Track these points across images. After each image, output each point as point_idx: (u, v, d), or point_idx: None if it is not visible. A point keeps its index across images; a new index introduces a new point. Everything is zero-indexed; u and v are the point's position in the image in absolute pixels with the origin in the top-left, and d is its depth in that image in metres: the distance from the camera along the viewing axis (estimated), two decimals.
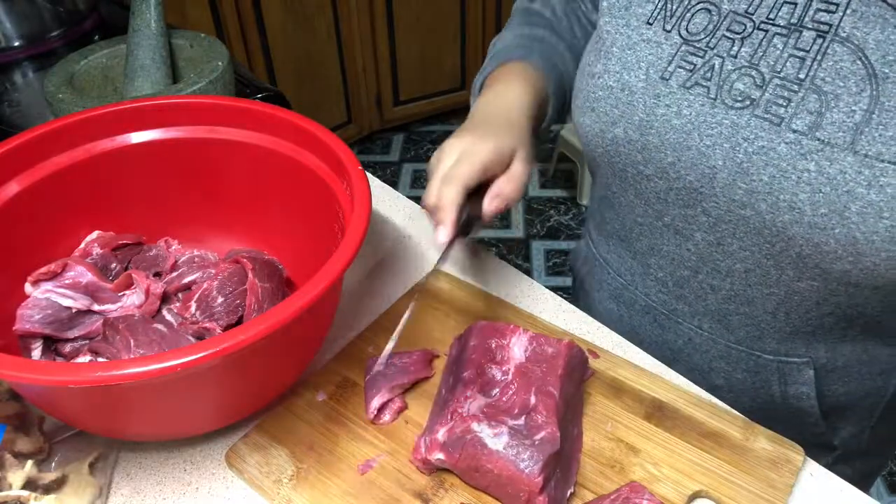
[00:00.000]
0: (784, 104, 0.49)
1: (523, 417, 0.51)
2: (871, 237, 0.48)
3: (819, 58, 0.48)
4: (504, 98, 0.62)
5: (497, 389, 0.54)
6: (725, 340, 0.64)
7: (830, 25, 0.48)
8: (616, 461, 0.54)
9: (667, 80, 0.55)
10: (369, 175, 0.65)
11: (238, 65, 1.00)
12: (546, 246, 2.23)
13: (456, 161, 0.54)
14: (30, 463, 0.52)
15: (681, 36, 0.54)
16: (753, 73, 0.51)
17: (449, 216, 0.52)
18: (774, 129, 0.50)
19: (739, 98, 0.52)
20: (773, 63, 0.50)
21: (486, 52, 0.73)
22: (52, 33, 1.06)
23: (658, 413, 0.57)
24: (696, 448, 0.54)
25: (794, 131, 0.49)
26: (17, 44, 1.04)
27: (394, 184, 2.50)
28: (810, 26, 0.49)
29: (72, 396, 0.49)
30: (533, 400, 0.52)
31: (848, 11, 0.47)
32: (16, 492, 0.50)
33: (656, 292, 0.67)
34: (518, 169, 0.56)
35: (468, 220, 0.56)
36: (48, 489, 0.51)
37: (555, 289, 0.73)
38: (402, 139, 2.78)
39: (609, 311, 0.75)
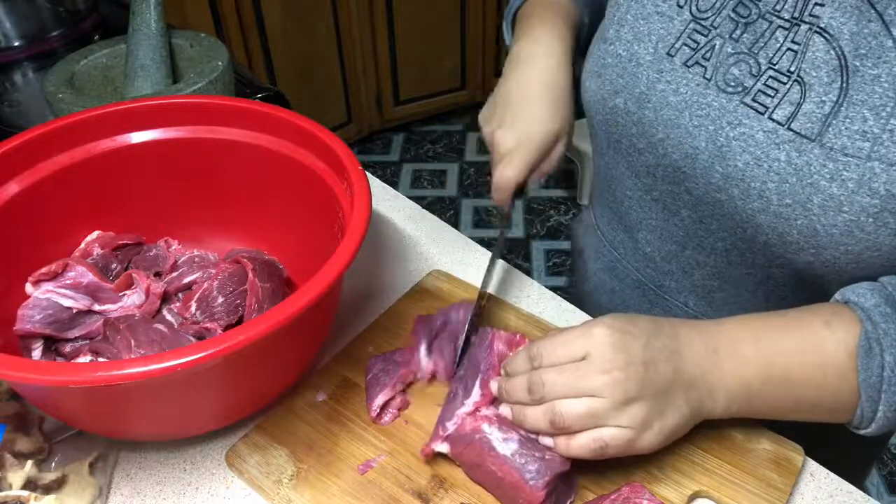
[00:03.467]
0: (772, 94, 0.50)
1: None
2: (831, 230, 0.48)
3: (805, 50, 0.49)
4: (546, 60, 0.65)
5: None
6: (710, 318, 0.64)
7: (818, 17, 0.48)
8: (616, 461, 0.54)
9: (672, 56, 0.55)
10: (369, 175, 0.65)
11: (238, 65, 1.00)
12: (546, 246, 2.23)
13: (515, 146, 0.63)
14: (30, 463, 0.52)
15: (691, 13, 0.55)
16: (751, 61, 0.51)
17: (505, 196, 0.64)
18: (757, 117, 0.50)
19: (733, 83, 0.52)
20: (771, 55, 0.50)
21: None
22: (52, 33, 1.06)
23: None
24: (696, 448, 0.54)
25: (773, 120, 0.49)
26: (17, 44, 1.04)
27: (394, 184, 2.50)
28: (807, 20, 0.49)
29: (72, 396, 0.49)
30: None
31: (829, 1, 0.48)
32: (16, 492, 0.50)
33: (645, 267, 0.68)
34: (559, 150, 0.65)
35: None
36: (48, 489, 0.51)
37: (555, 289, 0.73)
38: (402, 139, 2.78)
39: (602, 282, 0.76)
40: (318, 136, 0.62)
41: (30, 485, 0.51)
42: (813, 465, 0.55)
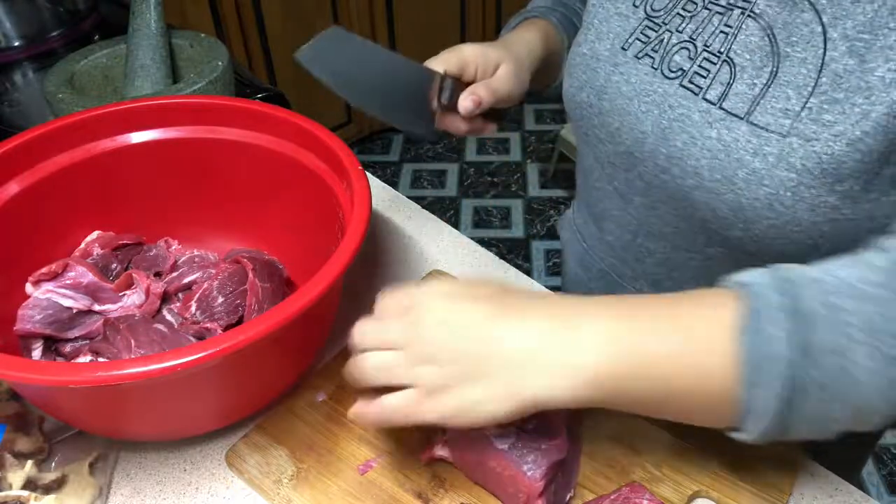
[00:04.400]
0: (704, 75, 0.52)
1: (533, 422, 0.51)
2: (754, 203, 0.50)
3: (736, 32, 0.51)
4: (514, 36, 0.70)
5: None
6: None
7: (750, 2, 0.51)
8: (616, 461, 0.54)
9: (625, 50, 0.58)
10: (369, 175, 0.65)
11: (238, 65, 1.00)
12: (546, 246, 2.23)
13: (447, 50, 0.64)
14: (30, 463, 0.52)
15: (645, 12, 0.58)
16: (690, 46, 0.54)
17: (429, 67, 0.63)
18: (693, 97, 0.53)
19: (674, 69, 0.55)
20: (707, 38, 0.53)
21: None
22: (52, 33, 1.06)
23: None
24: (696, 448, 0.54)
25: (706, 100, 0.52)
26: (17, 44, 1.04)
27: (394, 184, 2.50)
28: (740, 5, 0.52)
29: (72, 396, 0.49)
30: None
31: None
32: (16, 492, 0.50)
33: (607, 255, 0.70)
34: (498, 76, 0.64)
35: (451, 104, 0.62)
36: (48, 489, 0.51)
37: (555, 289, 0.73)
38: (402, 139, 2.78)
39: (576, 275, 0.78)
40: (318, 136, 0.62)
41: (30, 485, 0.51)
42: (813, 465, 0.55)
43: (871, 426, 0.41)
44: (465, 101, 0.61)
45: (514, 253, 2.20)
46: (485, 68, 0.64)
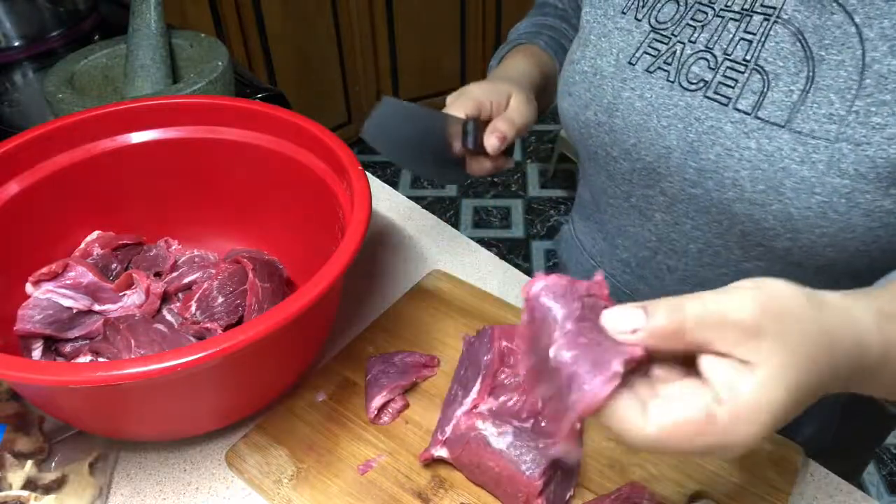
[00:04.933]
0: (732, 85, 0.51)
1: (531, 421, 0.51)
2: (805, 213, 0.49)
3: (763, 39, 0.50)
4: (508, 66, 0.72)
5: (508, 393, 0.54)
6: None
7: (775, 8, 0.50)
8: (616, 461, 0.54)
9: (633, 64, 0.57)
10: (369, 175, 0.65)
11: (238, 65, 1.00)
12: (546, 246, 2.23)
13: (456, 94, 0.65)
14: (30, 463, 0.52)
15: (650, 24, 0.57)
16: (708, 56, 0.53)
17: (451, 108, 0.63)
18: (722, 109, 0.52)
19: (694, 80, 0.54)
20: (725, 46, 0.52)
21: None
22: (52, 33, 1.06)
23: None
24: None
25: (739, 111, 0.51)
26: (17, 44, 1.04)
27: (394, 184, 2.50)
28: (759, 10, 0.51)
29: (72, 396, 0.49)
30: (541, 404, 0.52)
31: None
32: (16, 492, 0.50)
33: (621, 272, 0.69)
34: (512, 108, 0.64)
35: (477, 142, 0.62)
36: (48, 489, 0.51)
37: None
38: None
39: None
40: (318, 136, 0.62)
41: (30, 485, 0.51)
42: (813, 465, 0.55)
43: None
44: (491, 140, 0.61)
45: (514, 253, 2.20)
46: (499, 102, 0.64)
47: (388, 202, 0.85)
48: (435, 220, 0.82)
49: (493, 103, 0.63)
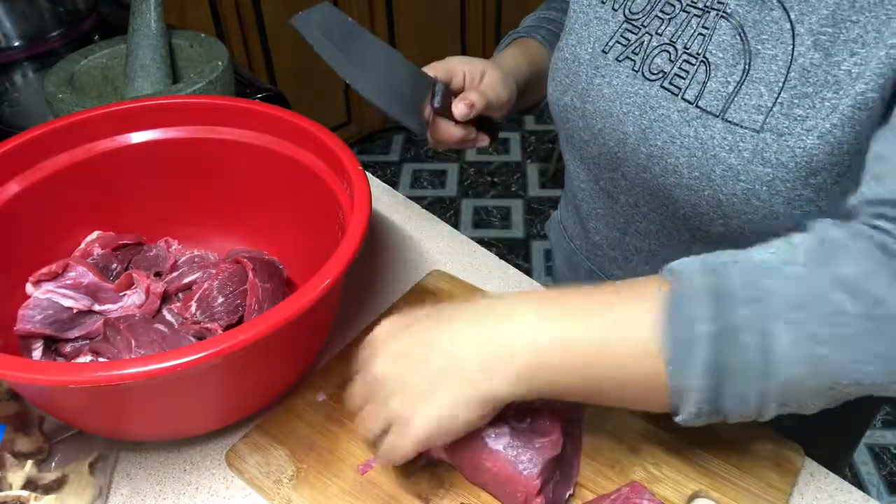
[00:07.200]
0: (684, 76, 0.54)
1: (528, 420, 0.51)
2: (732, 199, 0.51)
3: (712, 33, 0.52)
4: (499, 58, 0.74)
5: None
6: None
7: (723, 3, 0.52)
8: (616, 461, 0.54)
9: (606, 53, 0.60)
10: (369, 175, 0.65)
11: (238, 65, 1.00)
12: (546, 246, 2.23)
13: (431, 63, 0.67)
14: (30, 463, 0.52)
15: (624, 15, 0.59)
16: (670, 49, 0.55)
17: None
18: (672, 98, 0.54)
19: (655, 72, 0.56)
20: (686, 41, 0.54)
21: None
22: (52, 33, 1.06)
23: (658, 413, 0.57)
24: (696, 448, 0.54)
25: (685, 100, 0.53)
26: (17, 44, 1.04)
27: (394, 184, 2.50)
28: (716, 7, 0.53)
29: (72, 396, 0.49)
30: (537, 403, 0.52)
31: None
32: (16, 492, 0.50)
33: (594, 255, 0.72)
34: (486, 83, 0.67)
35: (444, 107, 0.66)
36: (48, 489, 0.52)
37: None
38: (402, 139, 2.78)
39: (563, 276, 0.80)
40: (318, 136, 0.62)
41: (30, 485, 0.51)
42: (813, 465, 0.55)
43: (811, 407, 0.41)
44: (459, 106, 0.65)
45: (514, 253, 2.20)
46: (472, 76, 0.68)
47: (388, 202, 0.85)
48: (435, 220, 0.82)
49: (466, 74, 0.67)
